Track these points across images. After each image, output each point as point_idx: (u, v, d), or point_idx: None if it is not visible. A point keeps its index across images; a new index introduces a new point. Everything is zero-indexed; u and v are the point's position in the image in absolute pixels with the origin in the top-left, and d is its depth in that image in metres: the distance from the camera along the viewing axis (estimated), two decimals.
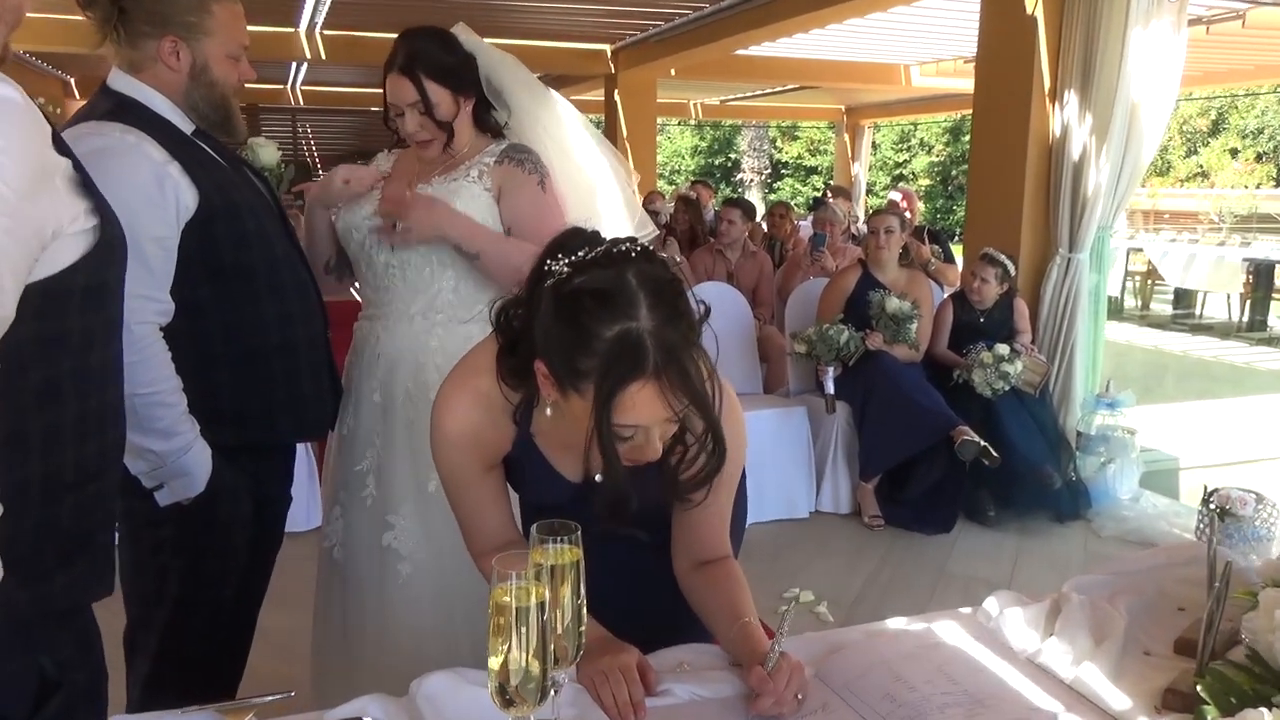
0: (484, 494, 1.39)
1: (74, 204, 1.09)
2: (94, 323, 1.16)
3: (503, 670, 0.84)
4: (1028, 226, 4.64)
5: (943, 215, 21.10)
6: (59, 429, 1.12)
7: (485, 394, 1.33)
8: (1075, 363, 4.61)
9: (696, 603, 1.42)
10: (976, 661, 1.28)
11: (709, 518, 1.42)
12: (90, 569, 1.18)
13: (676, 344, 1.14)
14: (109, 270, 1.18)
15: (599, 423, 1.12)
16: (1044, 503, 4.20)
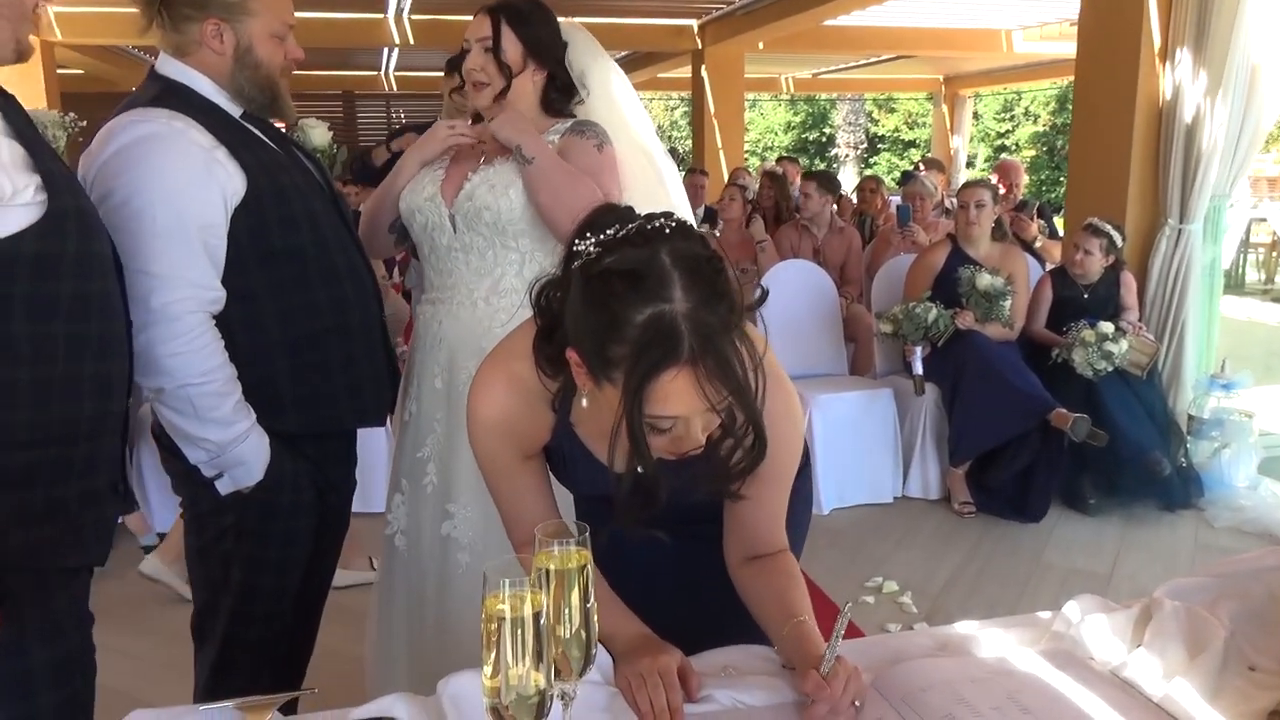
0: (523, 483, 1.33)
1: (17, 178, 1.18)
2: (47, 292, 1.23)
3: (494, 686, 0.77)
4: (1134, 196, 4.35)
5: (1048, 188, 20.23)
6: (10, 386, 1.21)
7: (522, 380, 1.26)
8: (1187, 341, 4.32)
9: (748, 599, 1.34)
10: (1053, 689, 1.16)
11: (761, 513, 1.33)
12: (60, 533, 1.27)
13: (714, 328, 1.04)
14: (61, 242, 1.24)
15: (629, 414, 1.04)
16: (1151, 490, 3.95)
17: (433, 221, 2.02)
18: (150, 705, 1.19)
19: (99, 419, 1.32)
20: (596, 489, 1.33)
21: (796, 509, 1.42)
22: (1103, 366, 3.93)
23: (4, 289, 1.19)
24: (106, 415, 1.34)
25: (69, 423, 1.27)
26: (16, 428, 1.22)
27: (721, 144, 9.38)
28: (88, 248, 1.28)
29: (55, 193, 1.22)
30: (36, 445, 1.24)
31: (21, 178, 1.19)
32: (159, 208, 1.57)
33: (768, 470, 1.26)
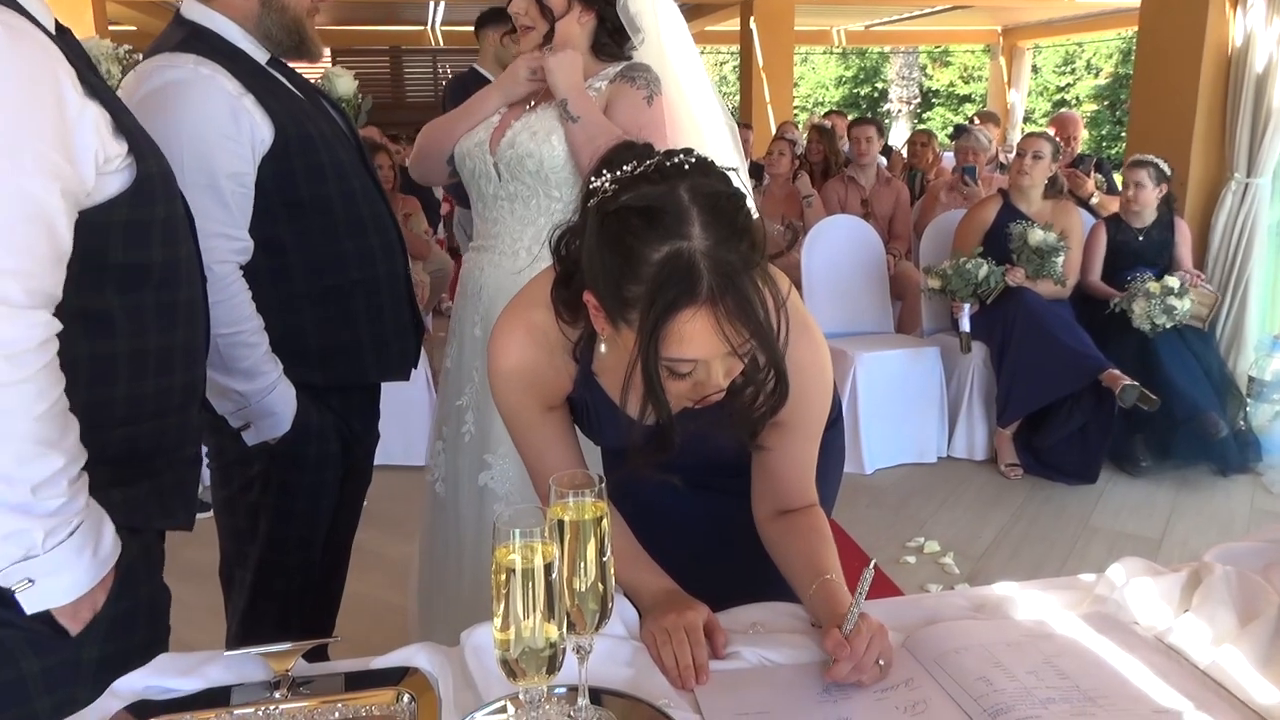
0: (546, 435, 1.30)
1: (110, 145, 1.12)
2: (139, 260, 1.18)
3: (504, 639, 0.75)
4: (1199, 147, 4.18)
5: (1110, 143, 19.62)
6: (112, 359, 1.17)
7: (542, 329, 1.22)
8: (1250, 300, 4.17)
9: (776, 556, 1.31)
10: (1093, 654, 1.11)
11: (789, 465, 1.29)
12: (151, 495, 1.23)
13: (735, 266, 0.99)
14: (151, 207, 1.18)
15: (645, 357, 1.00)
16: (1206, 453, 3.84)
17: (479, 169, 1.99)
18: (193, 648, 1.21)
19: (189, 388, 1.30)
20: (621, 441, 1.30)
21: (827, 463, 1.38)
22: (1162, 321, 3.79)
23: (98, 259, 1.14)
24: (195, 383, 1.32)
25: (163, 394, 1.24)
26: (115, 404, 1.18)
27: (770, 98, 9.20)
28: (173, 210, 1.24)
29: (140, 156, 1.17)
30: (133, 421, 1.20)
31: (113, 144, 1.13)
32: (187, 156, 1.55)
33: (795, 421, 1.22)
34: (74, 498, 1.09)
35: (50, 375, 1.05)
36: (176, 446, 1.29)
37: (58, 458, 1.06)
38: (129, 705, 1.02)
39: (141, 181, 1.16)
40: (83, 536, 1.10)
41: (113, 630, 1.19)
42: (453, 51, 14.02)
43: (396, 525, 3.21)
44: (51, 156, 1.03)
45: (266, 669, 1.06)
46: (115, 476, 1.18)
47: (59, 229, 1.05)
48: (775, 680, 1.10)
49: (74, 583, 1.11)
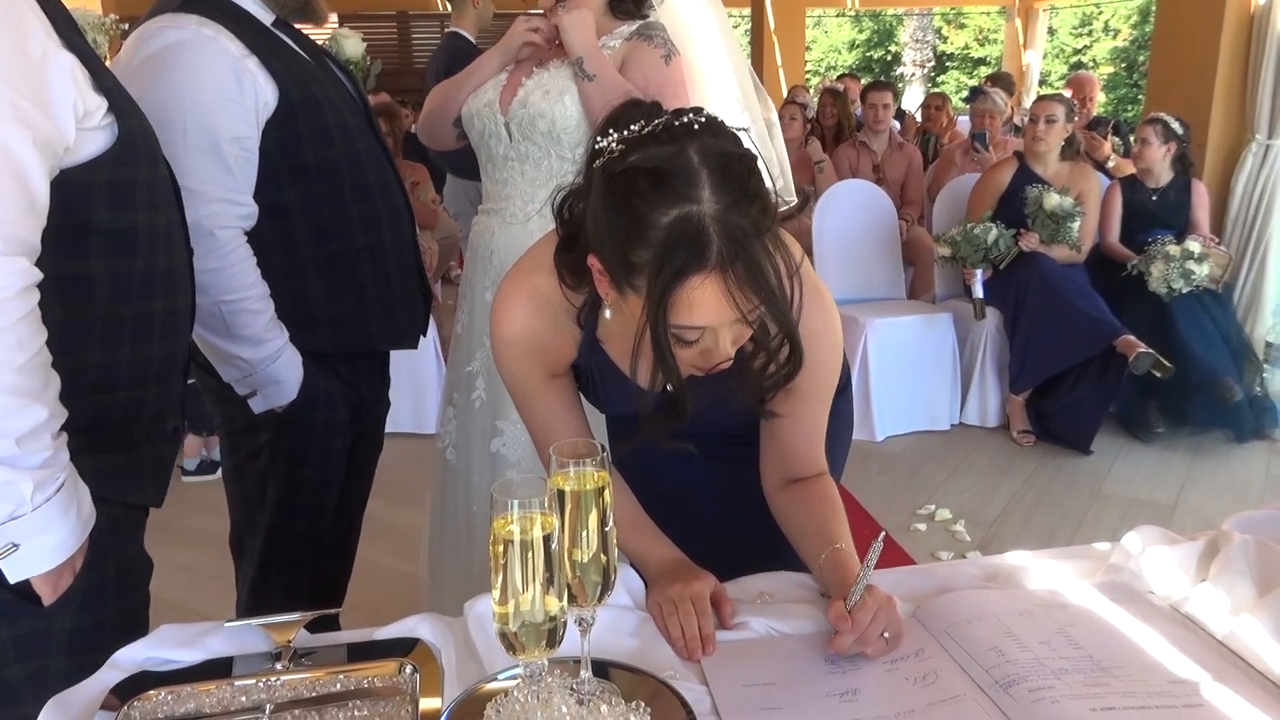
0: (551, 403, 1.28)
1: (89, 98, 1.09)
2: (124, 224, 1.15)
3: (501, 612, 0.74)
4: (1219, 108, 4.11)
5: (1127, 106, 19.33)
6: (86, 326, 1.14)
7: (545, 294, 1.20)
8: (1269, 265, 4.11)
9: (785, 526, 1.29)
10: (1107, 624, 1.09)
11: (798, 433, 1.27)
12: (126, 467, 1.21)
13: (745, 231, 0.96)
14: (134, 168, 1.15)
15: (653, 324, 0.97)
16: (1222, 419, 3.80)
17: (489, 129, 1.96)
18: (205, 616, 1.20)
19: (168, 359, 1.27)
20: (627, 408, 1.28)
21: (836, 430, 1.35)
22: (1179, 285, 3.74)
23: (81, 220, 1.11)
24: (175, 355, 1.29)
25: (139, 363, 1.21)
26: (88, 370, 1.16)
27: (781, 62, 9.10)
28: (155, 173, 1.21)
29: (121, 114, 1.14)
30: (106, 388, 1.18)
31: (93, 98, 1.09)
32: (190, 120, 1.52)
33: (805, 387, 1.20)
34: (58, 452, 1.08)
35: (31, 326, 1.03)
36: (155, 419, 1.27)
37: (41, 410, 1.04)
38: (125, 679, 1.01)
39: (124, 140, 1.14)
40: (68, 494, 1.09)
41: (84, 601, 1.18)
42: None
43: (406, 493, 3.21)
44: (22, 104, 1.01)
45: (268, 640, 1.05)
46: (88, 444, 1.16)
47: (32, 178, 1.02)
48: (782, 651, 1.09)
49: (60, 544, 1.09)
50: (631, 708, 0.84)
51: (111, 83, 1.16)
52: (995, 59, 19.81)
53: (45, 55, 1.03)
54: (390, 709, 0.98)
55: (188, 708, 0.98)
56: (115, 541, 1.23)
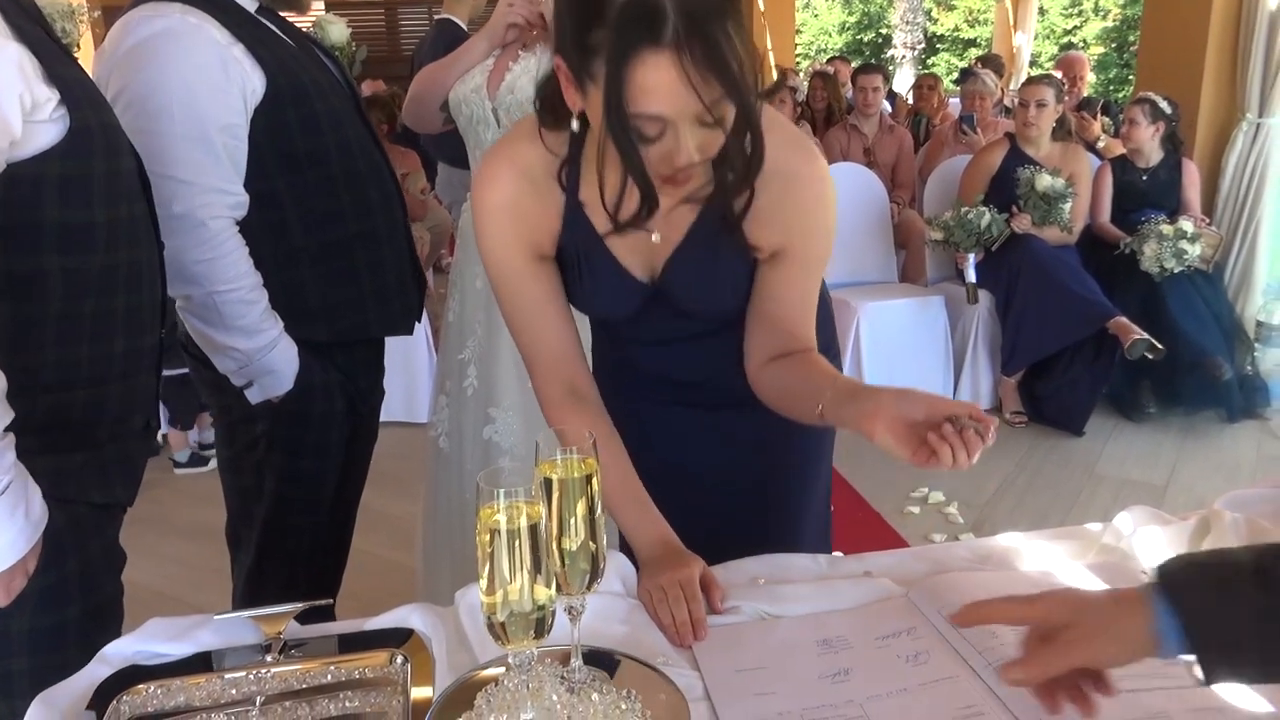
0: (535, 291, 1.22)
1: (37, 90, 1.06)
2: (79, 219, 1.12)
3: (489, 602, 0.73)
4: (1209, 86, 4.10)
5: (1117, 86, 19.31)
6: (39, 323, 1.12)
7: (527, 160, 1.17)
8: (1259, 244, 4.11)
9: (774, 394, 1.22)
10: None
11: (786, 300, 1.21)
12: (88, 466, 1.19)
13: (705, 10, 0.91)
14: (89, 161, 1.13)
15: (609, 110, 0.94)
16: (1213, 399, 3.81)
17: (477, 115, 1.95)
18: (199, 609, 1.19)
19: (133, 355, 1.24)
20: (612, 305, 1.26)
21: (822, 314, 1.31)
22: (1172, 265, 3.75)
23: (32, 216, 1.09)
24: (140, 350, 1.26)
25: (100, 361, 1.19)
26: (42, 369, 1.13)
27: (771, 45, 9.04)
28: (115, 166, 1.18)
29: (75, 105, 1.11)
30: (65, 387, 1.16)
31: (40, 90, 1.06)
32: (177, 109, 1.51)
33: (792, 247, 1.18)
34: (2, 453, 1.05)
35: None
36: (121, 417, 1.25)
37: None
38: (113, 674, 1.00)
39: (76, 134, 1.11)
40: (15, 495, 1.07)
41: (41, 603, 1.16)
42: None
43: (399, 482, 3.21)
44: None
45: (258, 632, 1.05)
46: (43, 443, 1.14)
47: None
48: (774, 634, 1.08)
49: (9, 545, 1.07)
50: (623, 695, 0.83)
51: (71, 74, 1.13)
52: (986, 40, 19.74)
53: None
54: (381, 699, 0.98)
55: (177, 701, 0.97)
56: (76, 541, 1.21)
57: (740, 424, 1.34)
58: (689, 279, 1.20)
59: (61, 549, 1.17)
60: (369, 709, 0.97)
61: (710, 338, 1.30)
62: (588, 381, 1.27)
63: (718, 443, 1.37)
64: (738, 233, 1.16)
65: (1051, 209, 3.88)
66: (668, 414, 1.37)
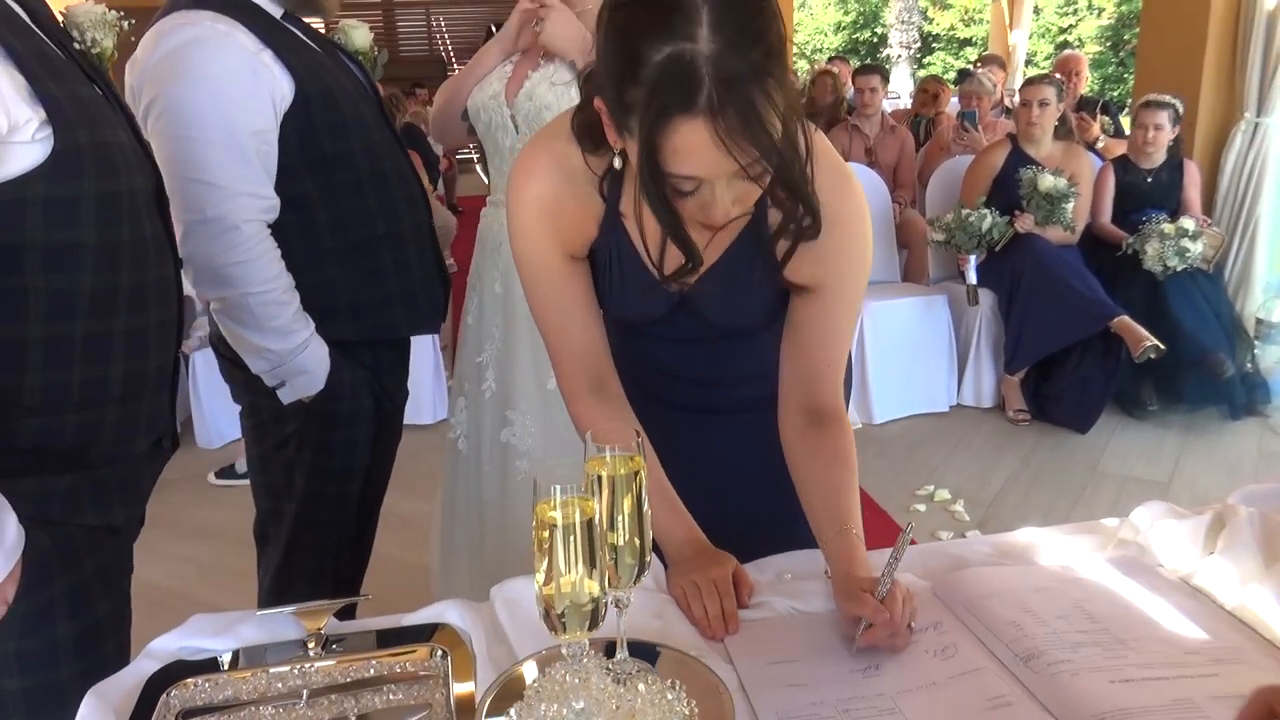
0: (565, 289, 1.22)
1: (15, 112, 1.03)
2: (65, 240, 1.10)
3: (547, 594, 0.76)
4: (1209, 86, 4.13)
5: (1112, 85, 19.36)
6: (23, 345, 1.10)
7: (566, 158, 1.15)
8: (1258, 242, 4.14)
9: (797, 477, 1.24)
10: (1121, 597, 1.12)
11: (821, 340, 1.22)
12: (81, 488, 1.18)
13: (742, 75, 0.89)
14: (78, 183, 1.10)
15: (642, 167, 0.94)
16: (1215, 396, 3.85)
17: (496, 121, 1.97)
18: (211, 608, 1.20)
19: (135, 378, 1.20)
20: (641, 310, 1.26)
21: None
22: (1174, 264, 3.78)
23: (12, 238, 1.06)
24: (144, 372, 1.22)
25: (95, 384, 1.15)
26: (24, 391, 1.10)
27: None
28: (112, 187, 1.14)
29: (64, 126, 1.07)
30: (50, 410, 1.12)
31: (20, 111, 1.03)
32: (210, 115, 1.53)
33: (831, 285, 1.18)
34: None
35: None
36: (121, 440, 1.21)
37: None
38: (160, 669, 1.02)
39: (61, 155, 1.07)
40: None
41: (27, 625, 1.15)
42: (446, 4, 13.82)
43: (408, 483, 3.22)
44: None
45: (299, 627, 1.07)
46: (25, 466, 1.12)
47: None
48: (804, 629, 1.11)
49: None
50: (668, 685, 0.86)
51: (69, 91, 1.10)
52: (981, 39, 19.81)
53: None
54: (424, 692, 1.00)
55: (225, 694, 0.99)
56: (63, 563, 1.19)
57: (760, 424, 1.36)
58: (719, 296, 1.20)
59: (46, 571, 1.15)
60: (413, 701, 0.99)
61: (730, 341, 1.32)
62: (613, 378, 1.28)
63: (738, 443, 1.39)
64: (773, 261, 1.17)
65: (1054, 209, 3.91)
66: (689, 416, 1.39)
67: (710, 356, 1.34)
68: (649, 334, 1.35)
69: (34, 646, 1.17)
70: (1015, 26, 13.04)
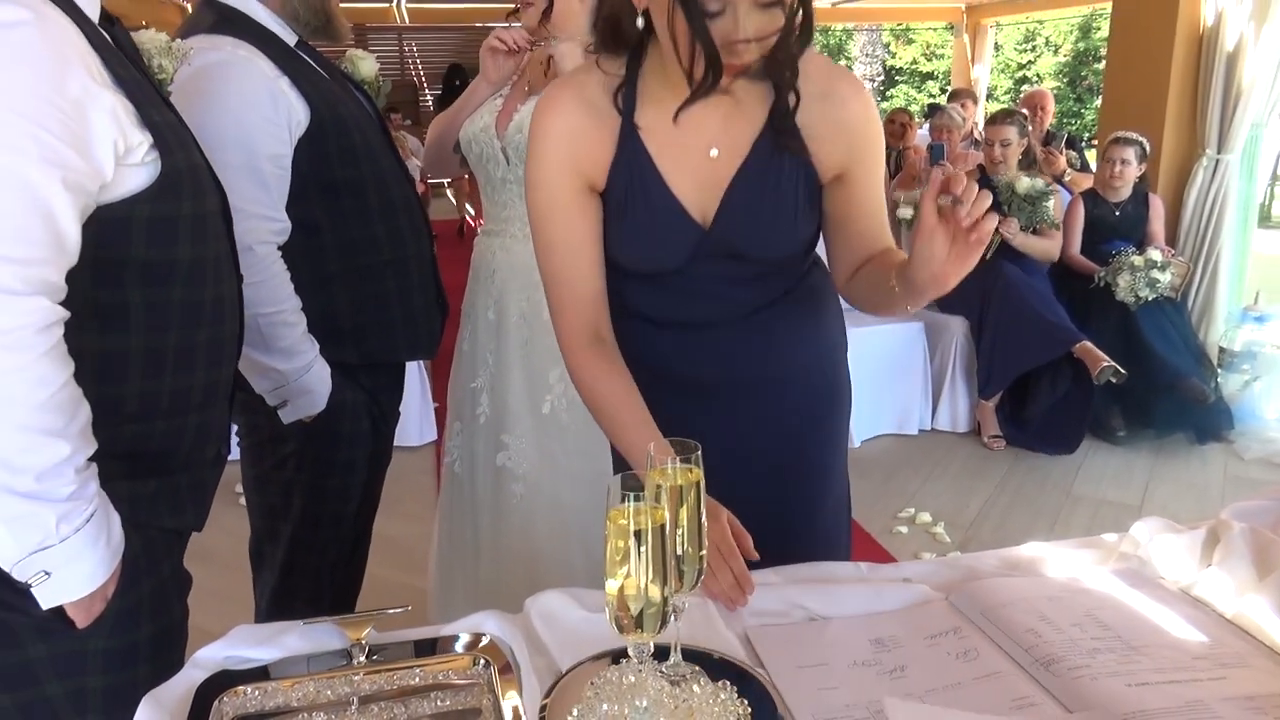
0: (574, 231, 1.27)
1: (130, 135, 1.09)
2: (163, 257, 1.16)
3: (621, 597, 0.80)
4: (1171, 125, 4.29)
5: (1070, 119, 19.87)
6: (125, 356, 1.15)
7: (584, 87, 1.25)
8: (1220, 274, 4.29)
9: (861, 296, 1.33)
10: (1129, 606, 1.18)
11: (862, 213, 1.31)
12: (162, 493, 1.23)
13: None
14: (177, 204, 1.16)
15: None
16: (1183, 422, 3.97)
17: (487, 153, 2.01)
18: (203, 632, 1.23)
19: (211, 387, 1.27)
20: (661, 248, 1.29)
21: None
22: (1145, 294, 3.92)
23: (119, 254, 1.12)
24: (218, 383, 1.29)
25: (181, 393, 1.22)
26: (125, 399, 1.17)
27: None
28: (201, 207, 1.21)
29: (167, 150, 1.14)
30: (146, 417, 1.19)
31: (134, 135, 1.10)
32: (229, 138, 1.57)
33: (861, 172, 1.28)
34: (84, 485, 1.08)
35: (52, 362, 1.03)
36: (196, 447, 1.27)
37: (63, 445, 1.04)
38: (209, 677, 1.04)
39: (167, 176, 1.14)
40: (96, 525, 1.10)
41: (118, 624, 1.19)
42: (419, 29, 13.86)
43: (394, 503, 3.22)
44: (55, 146, 1.01)
45: (342, 637, 1.09)
46: (123, 470, 1.17)
47: (59, 218, 1.03)
48: (828, 633, 1.15)
49: (90, 574, 1.11)
50: (719, 686, 0.90)
51: (164, 117, 1.17)
52: (944, 73, 20.24)
53: (85, 94, 1.04)
54: (471, 699, 1.03)
55: (276, 701, 1.02)
56: (150, 565, 1.24)
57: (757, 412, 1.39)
58: (747, 210, 1.26)
59: (137, 572, 1.21)
60: (461, 707, 1.02)
61: (740, 324, 1.36)
62: (609, 330, 1.32)
63: (735, 431, 1.40)
64: (798, 147, 1.24)
65: (1035, 210, 4.00)
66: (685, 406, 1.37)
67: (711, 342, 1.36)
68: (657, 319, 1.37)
69: (119, 645, 1.20)
70: (977, 61, 13.35)
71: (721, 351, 1.36)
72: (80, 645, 1.18)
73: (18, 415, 1.01)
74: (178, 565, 1.33)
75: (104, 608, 1.16)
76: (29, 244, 1.01)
